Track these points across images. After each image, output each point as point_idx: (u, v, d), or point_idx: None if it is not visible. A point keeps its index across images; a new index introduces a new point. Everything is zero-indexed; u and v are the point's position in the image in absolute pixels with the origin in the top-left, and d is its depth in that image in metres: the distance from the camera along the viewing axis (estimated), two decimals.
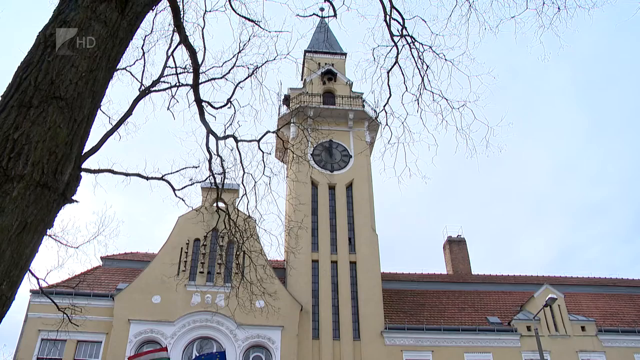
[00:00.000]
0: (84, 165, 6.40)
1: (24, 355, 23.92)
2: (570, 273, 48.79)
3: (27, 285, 23.93)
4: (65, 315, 13.77)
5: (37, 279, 13.26)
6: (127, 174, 11.31)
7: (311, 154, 30.00)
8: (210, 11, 11.64)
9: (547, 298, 24.04)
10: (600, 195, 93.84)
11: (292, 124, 23.00)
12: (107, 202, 50.94)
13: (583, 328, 28.19)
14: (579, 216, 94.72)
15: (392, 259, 78.56)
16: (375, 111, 28.64)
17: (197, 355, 24.34)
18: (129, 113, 9.92)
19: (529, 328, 27.22)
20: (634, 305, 31.58)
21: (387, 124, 11.68)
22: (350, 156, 31.69)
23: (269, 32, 12.39)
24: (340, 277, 27.79)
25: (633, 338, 28.22)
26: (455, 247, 37.07)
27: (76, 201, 4.81)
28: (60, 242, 15.83)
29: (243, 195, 12.56)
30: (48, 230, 4.48)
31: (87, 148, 6.71)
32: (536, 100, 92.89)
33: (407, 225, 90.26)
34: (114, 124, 9.99)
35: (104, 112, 11.94)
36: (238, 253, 11.97)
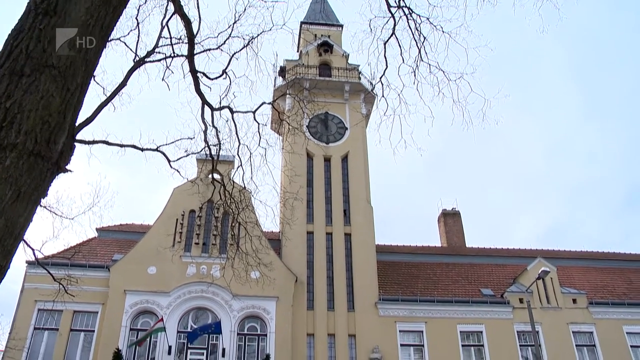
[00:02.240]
0: (78, 137, 6.36)
1: (21, 324, 24.10)
2: (563, 247, 49.21)
3: (22, 256, 24.02)
4: (61, 285, 13.83)
5: (33, 250, 13.31)
6: (121, 145, 11.26)
7: (307, 126, 29.87)
8: None
9: (540, 271, 24.27)
10: (594, 172, 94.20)
11: (287, 96, 22.88)
12: (102, 174, 50.72)
13: (574, 300, 28.56)
14: (573, 192, 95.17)
15: (387, 232, 79.01)
16: (371, 83, 28.46)
17: (193, 327, 24.62)
18: (123, 84, 9.82)
19: (521, 300, 27.53)
20: (625, 279, 31.98)
21: (383, 96, 11.61)
22: (346, 128, 31.61)
23: (265, 2, 12.23)
24: (335, 249, 27.97)
25: (622, 310, 28.64)
26: (450, 220, 37.26)
27: (70, 171, 4.78)
28: (55, 213, 15.83)
29: (238, 166, 12.52)
30: (42, 199, 4.46)
31: (81, 119, 6.66)
32: (533, 76, 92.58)
33: (403, 197, 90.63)
34: (108, 95, 9.90)
35: (98, 83, 11.82)
36: (233, 224, 12.01)
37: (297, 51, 36.11)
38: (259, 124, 12.35)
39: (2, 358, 23.30)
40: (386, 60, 11.30)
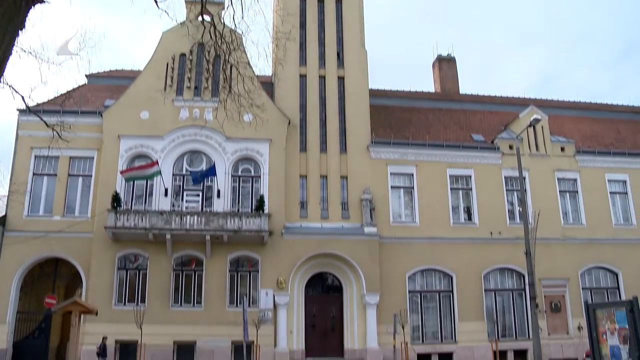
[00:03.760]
0: None
1: (20, 171, 24.60)
2: (555, 97, 49.11)
3: (13, 103, 23.74)
4: (54, 132, 13.73)
5: (22, 96, 12.99)
6: None
7: None
8: None
9: (531, 118, 24.38)
10: (593, 20, 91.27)
11: None
12: (87, 16, 48.59)
13: (562, 149, 29.08)
14: (569, 41, 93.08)
15: (381, 76, 77.78)
16: None
17: (188, 169, 25.19)
18: None
19: (511, 147, 27.97)
20: (614, 129, 32.39)
21: None
22: None
23: None
24: (328, 92, 27.71)
25: (606, 159, 29.34)
26: (445, 65, 36.58)
27: (46, 2, 4.51)
28: (41, 59, 15.31)
29: (228, 6, 11.91)
30: (20, 32, 4.26)
31: None
32: None
33: (398, 42, 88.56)
34: None
35: None
36: (225, 67, 11.69)
37: None
38: None
39: (8, 201, 24.10)
40: None
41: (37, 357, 23.08)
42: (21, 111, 24.39)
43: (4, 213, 24.26)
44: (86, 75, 29.35)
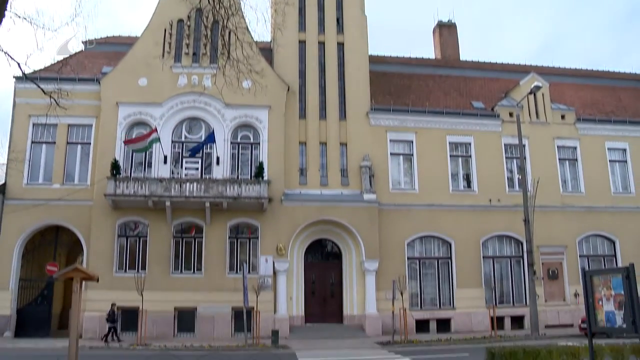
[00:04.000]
0: None
1: (18, 139, 24.54)
2: (556, 64, 48.54)
3: (9, 71, 23.53)
4: (52, 99, 13.58)
5: (18, 63, 12.80)
6: None
7: None
8: None
9: (532, 86, 24.25)
10: None
11: None
12: None
13: (563, 116, 28.95)
14: (569, 7, 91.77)
15: (380, 42, 76.79)
16: None
17: (187, 136, 25.14)
18: None
19: (511, 114, 27.84)
20: (615, 97, 32.20)
21: None
22: None
23: None
24: (327, 58, 27.46)
25: (606, 127, 29.25)
26: (445, 31, 36.12)
27: None
28: (37, 25, 15.05)
29: None
30: None
31: None
32: None
33: (398, 7, 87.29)
34: None
35: None
36: (223, 32, 11.54)
37: None
38: None
39: (7, 169, 24.09)
40: None
41: (40, 323, 23.41)
42: (18, 78, 24.24)
43: (3, 181, 24.27)
44: (83, 42, 29.06)
